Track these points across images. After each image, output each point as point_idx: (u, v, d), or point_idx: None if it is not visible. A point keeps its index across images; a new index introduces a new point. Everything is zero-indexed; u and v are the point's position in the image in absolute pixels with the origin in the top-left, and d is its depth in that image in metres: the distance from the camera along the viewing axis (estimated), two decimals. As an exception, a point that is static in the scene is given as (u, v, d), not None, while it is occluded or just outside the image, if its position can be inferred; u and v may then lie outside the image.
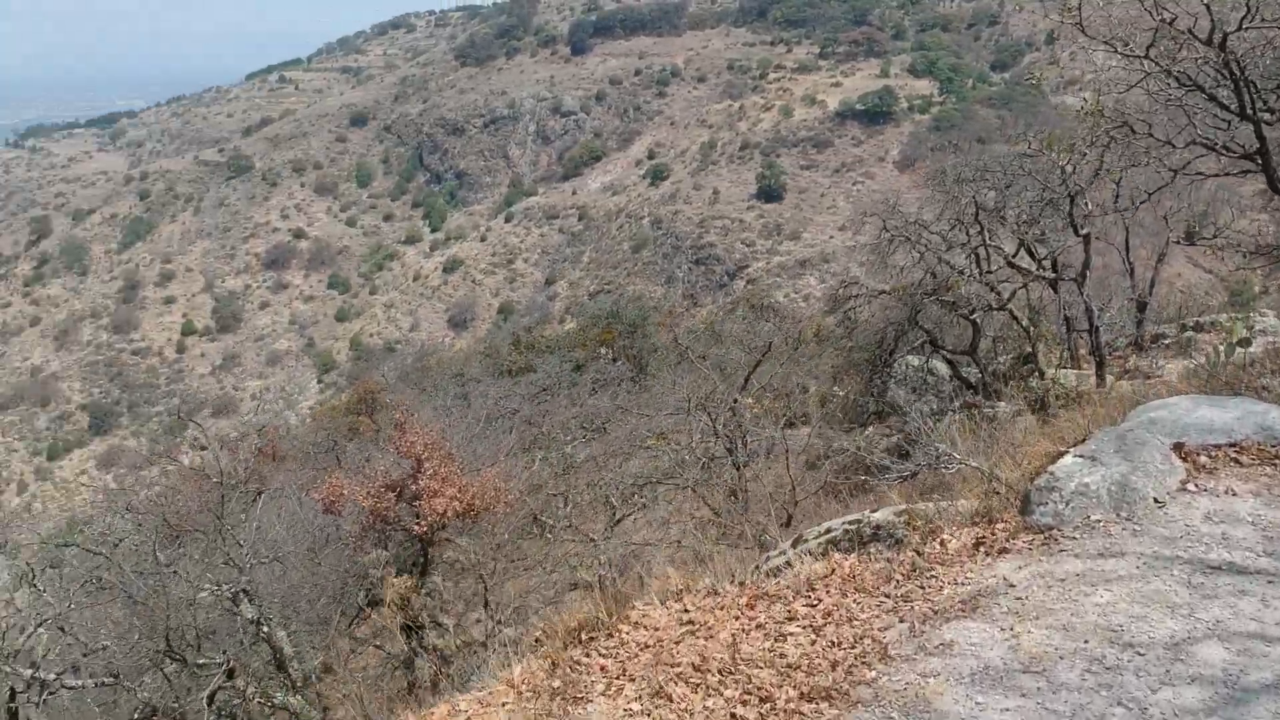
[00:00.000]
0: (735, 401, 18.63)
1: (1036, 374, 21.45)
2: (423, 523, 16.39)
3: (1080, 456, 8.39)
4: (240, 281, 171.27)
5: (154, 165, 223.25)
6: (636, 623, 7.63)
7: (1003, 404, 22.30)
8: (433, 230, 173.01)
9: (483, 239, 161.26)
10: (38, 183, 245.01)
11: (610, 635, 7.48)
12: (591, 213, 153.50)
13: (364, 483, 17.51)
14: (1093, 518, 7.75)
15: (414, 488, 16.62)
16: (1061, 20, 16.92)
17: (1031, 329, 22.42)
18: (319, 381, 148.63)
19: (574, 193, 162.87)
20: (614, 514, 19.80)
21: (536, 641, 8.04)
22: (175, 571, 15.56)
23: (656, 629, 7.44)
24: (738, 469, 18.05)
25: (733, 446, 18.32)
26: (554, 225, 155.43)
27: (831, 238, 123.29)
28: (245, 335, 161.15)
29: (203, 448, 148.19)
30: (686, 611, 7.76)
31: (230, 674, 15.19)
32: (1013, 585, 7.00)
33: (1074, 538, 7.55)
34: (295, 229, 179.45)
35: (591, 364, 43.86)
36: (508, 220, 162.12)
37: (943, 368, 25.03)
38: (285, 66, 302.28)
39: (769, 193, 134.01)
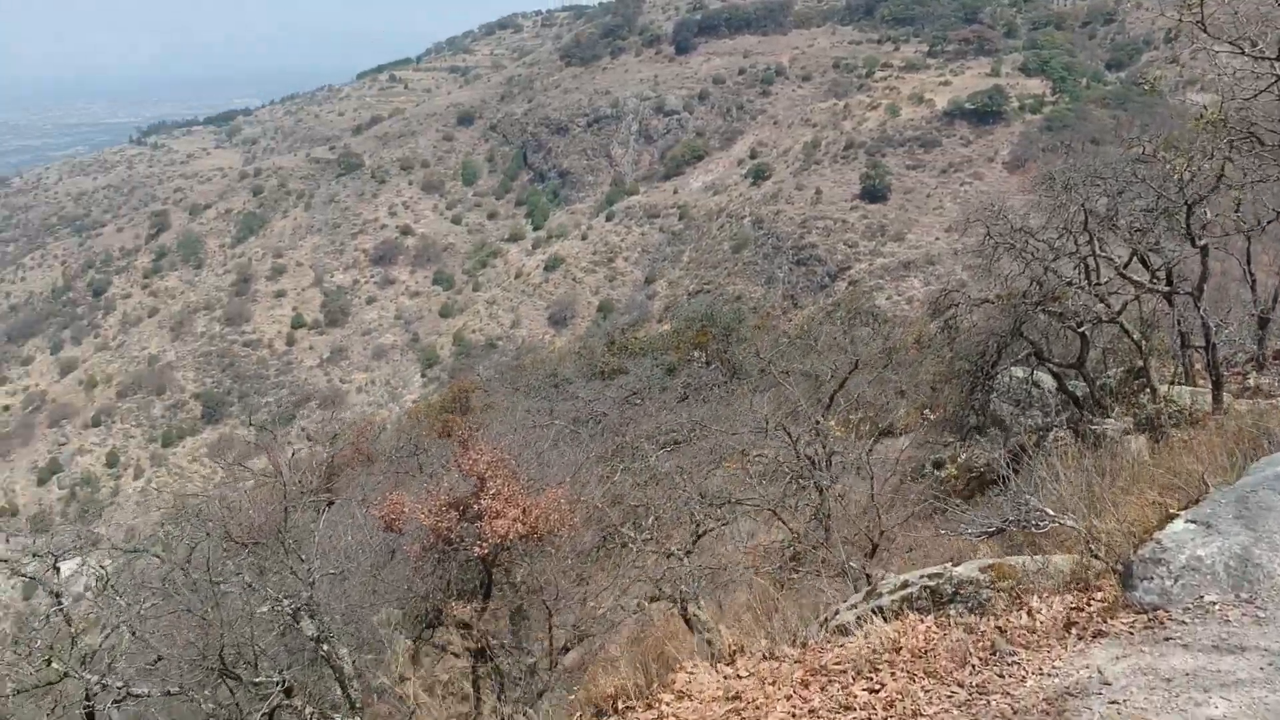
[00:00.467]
0: (818, 422, 17.58)
1: (1148, 391, 20.56)
2: (484, 544, 15.85)
3: (1193, 522, 7.07)
4: (349, 276, 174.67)
5: (267, 162, 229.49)
6: (680, 691, 6.85)
7: (1111, 421, 21.36)
8: (535, 228, 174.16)
9: (584, 237, 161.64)
10: (158, 178, 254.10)
11: (649, 706, 6.71)
12: (692, 212, 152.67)
13: (426, 500, 17.01)
14: (1207, 599, 6.55)
15: (476, 507, 16.10)
16: (1181, 18, 15.68)
17: (1143, 343, 21.32)
18: (422, 376, 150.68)
19: (675, 192, 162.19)
20: (697, 528, 19.01)
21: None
22: (230, 586, 15.25)
23: (700, 702, 6.64)
24: (820, 492, 17.04)
25: (816, 467, 17.31)
26: (654, 224, 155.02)
27: (937, 239, 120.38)
28: (352, 329, 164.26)
29: (309, 438, 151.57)
30: (739, 678, 6.98)
31: (288, 692, 14.86)
32: (1108, 683, 5.85)
33: (1184, 623, 6.35)
34: (402, 226, 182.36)
35: (684, 367, 43.31)
36: (609, 219, 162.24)
37: (1048, 380, 23.94)
38: (395, 66, 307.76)
39: (873, 193, 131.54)
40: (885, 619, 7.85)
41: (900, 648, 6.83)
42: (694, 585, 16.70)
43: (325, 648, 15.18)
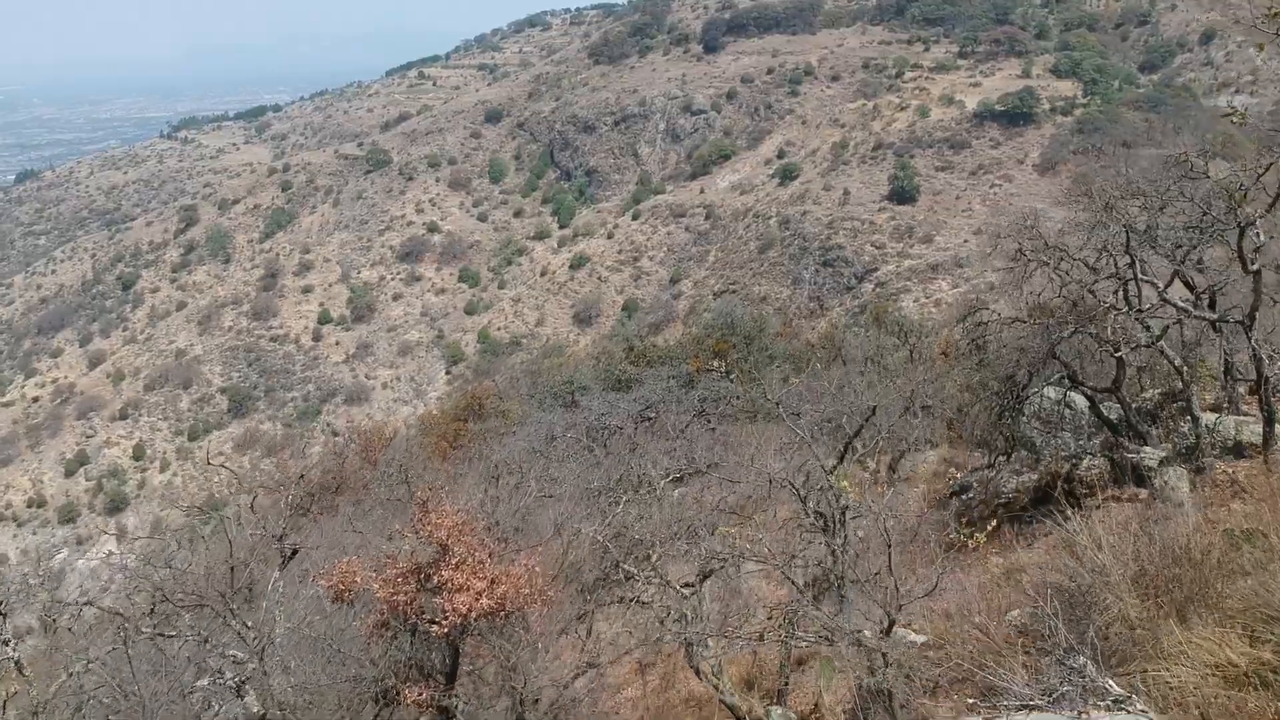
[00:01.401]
0: (830, 475, 16.80)
1: (1188, 418, 19.84)
2: (443, 623, 13.99)
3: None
4: (375, 273, 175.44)
5: (296, 158, 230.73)
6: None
7: (1148, 450, 20.72)
8: (561, 226, 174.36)
9: (610, 236, 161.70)
10: (188, 173, 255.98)
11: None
12: (719, 212, 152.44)
13: (382, 565, 15.08)
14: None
15: (437, 579, 14.28)
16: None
17: (1184, 369, 20.29)
18: (447, 373, 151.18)
19: (702, 191, 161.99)
20: (704, 567, 18.22)
21: None
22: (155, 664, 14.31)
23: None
24: (834, 554, 16.31)
25: (829, 526, 16.57)
26: (681, 224, 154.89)
27: (966, 241, 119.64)
28: (378, 325, 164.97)
29: (335, 433, 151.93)
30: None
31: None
32: None
33: None
34: (429, 223, 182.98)
35: (702, 378, 42.42)
36: (635, 218, 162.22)
37: (1081, 401, 23.14)
38: (424, 63, 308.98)
39: (901, 194, 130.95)
40: None
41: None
42: (702, 628, 16.25)
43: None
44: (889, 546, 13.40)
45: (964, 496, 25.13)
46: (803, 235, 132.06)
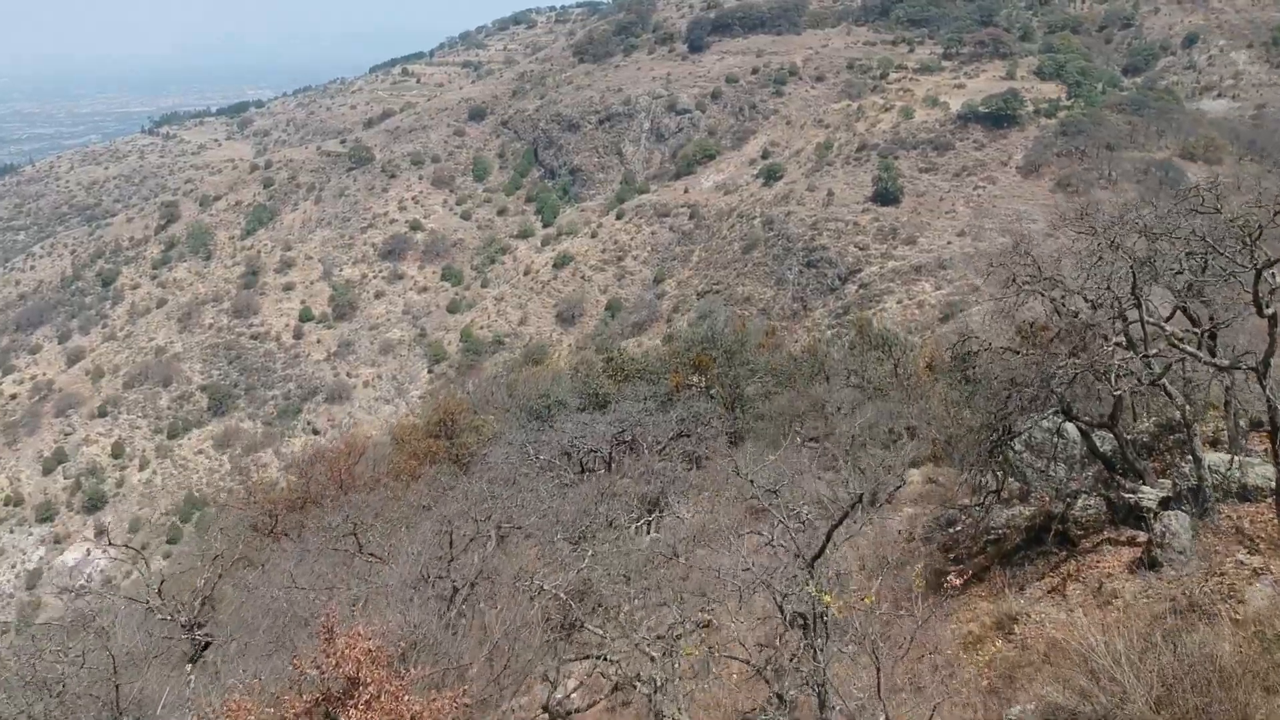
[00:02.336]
0: (808, 581, 15.80)
1: (1190, 459, 19.00)
2: None
3: None
4: (357, 271, 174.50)
5: (278, 154, 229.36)
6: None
7: (1146, 489, 20.07)
8: (545, 225, 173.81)
9: (594, 235, 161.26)
10: (169, 169, 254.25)
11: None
12: (703, 211, 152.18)
13: (278, 703, 13.14)
14: None
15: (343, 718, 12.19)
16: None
17: (1186, 408, 19.22)
18: (429, 371, 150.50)
19: (686, 191, 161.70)
20: (673, 630, 17.23)
21: None
22: None
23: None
24: (814, 653, 15.36)
25: (809, 629, 15.61)
26: (665, 223, 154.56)
27: (949, 243, 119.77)
28: (360, 324, 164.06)
29: (315, 432, 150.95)
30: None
31: None
32: None
33: None
34: (412, 221, 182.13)
35: (681, 395, 41.16)
36: (619, 217, 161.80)
37: (1073, 431, 22.27)
38: (408, 60, 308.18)
39: (885, 195, 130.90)
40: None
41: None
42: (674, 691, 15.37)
43: None
44: (878, 671, 12.68)
45: (951, 530, 24.14)
46: (786, 236, 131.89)
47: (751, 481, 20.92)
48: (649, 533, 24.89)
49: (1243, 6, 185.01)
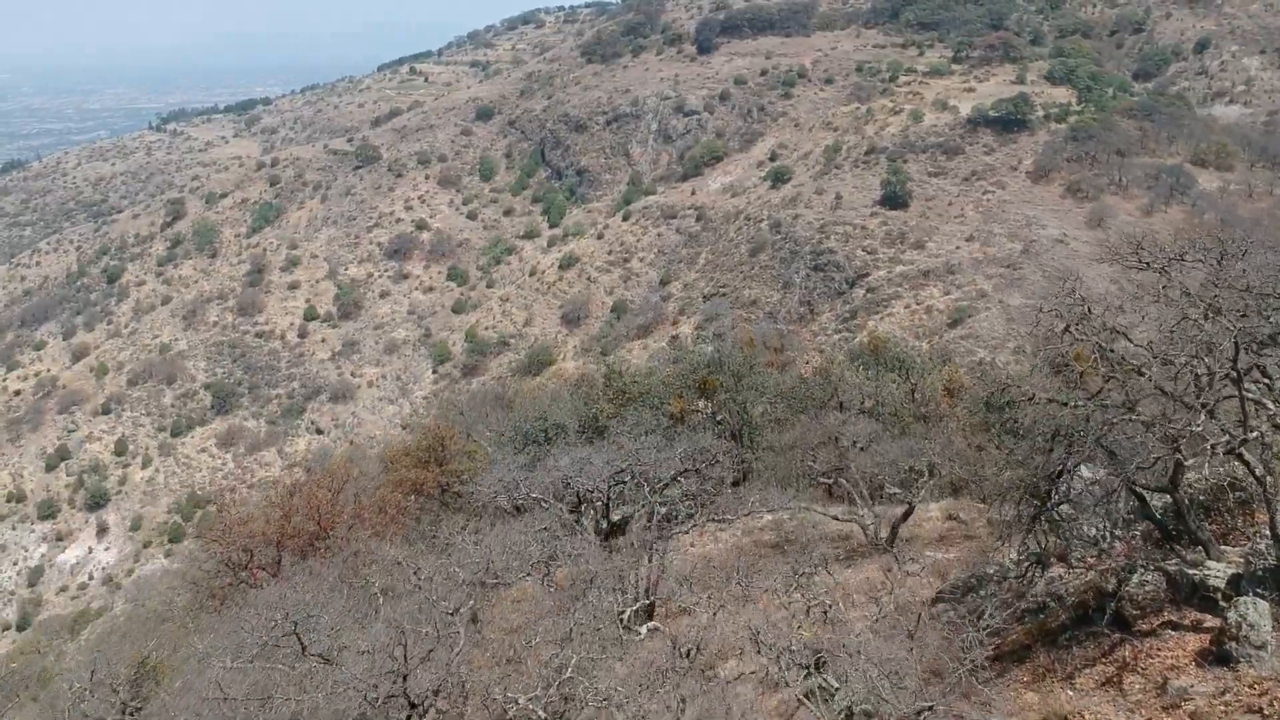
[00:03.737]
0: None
1: (1270, 538, 16.77)
2: None
3: None
4: (362, 270, 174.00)
5: (285, 152, 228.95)
6: None
7: (1212, 563, 17.75)
8: (551, 226, 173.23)
9: (600, 236, 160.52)
10: (176, 165, 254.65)
11: None
12: (710, 214, 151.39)
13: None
14: None
15: None
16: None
17: (1268, 478, 17.04)
18: (434, 372, 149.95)
19: (693, 193, 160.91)
20: None
21: None
22: None
23: None
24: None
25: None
26: (671, 225, 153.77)
27: (958, 248, 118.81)
28: (365, 323, 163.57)
29: (319, 431, 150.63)
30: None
31: None
32: None
33: None
34: (418, 220, 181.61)
35: (686, 421, 39.24)
36: (625, 219, 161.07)
37: (1107, 474, 19.61)
38: (416, 59, 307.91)
39: (894, 199, 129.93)
40: None
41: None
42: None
43: None
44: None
45: (981, 592, 21.45)
46: (794, 239, 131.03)
47: (745, 579, 18.88)
48: (647, 621, 23.11)
49: (1255, 12, 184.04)
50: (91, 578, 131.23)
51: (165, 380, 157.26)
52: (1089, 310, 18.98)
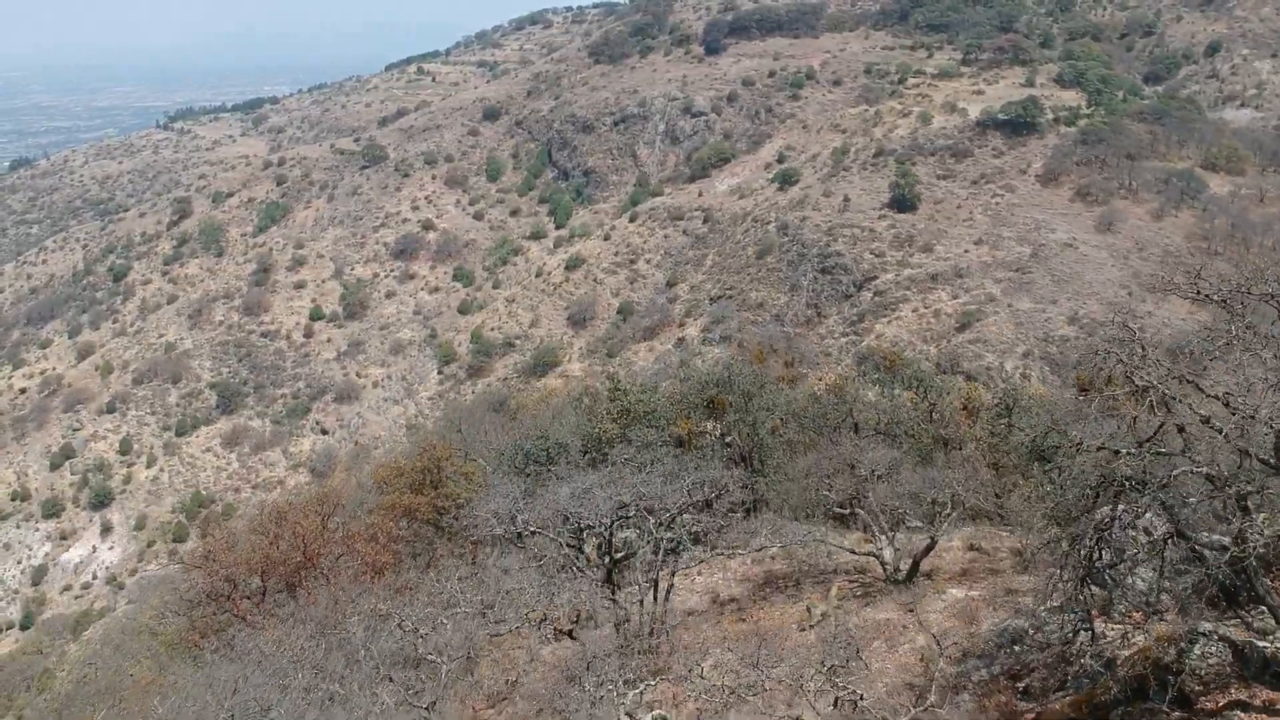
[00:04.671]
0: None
1: None
2: None
3: None
4: (369, 270, 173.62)
5: (292, 151, 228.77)
6: None
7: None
8: (558, 227, 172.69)
9: (606, 238, 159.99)
10: (183, 164, 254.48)
11: None
12: (717, 215, 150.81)
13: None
14: None
15: None
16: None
17: None
18: (439, 373, 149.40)
19: (700, 194, 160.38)
20: None
21: None
22: None
23: None
24: None
25: None
26: (678, 227, 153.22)
27: (967, 251, 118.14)
28: (371, 323, 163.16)
29: (324, 431, 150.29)
30: None
31: None
32: None
33: None
34: (424, 220, 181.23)
35: (692, 443, 37.52)
36: (632, 220, 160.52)
37: (1161, 526, 18.11)
38: (424, 58, 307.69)
39: (902, 202, 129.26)
40: None
41: None
42: None
43: None
44: None
45: (1017, 648, 19.60)
46: (801, 241, 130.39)
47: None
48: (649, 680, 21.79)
49: (1267, 15, 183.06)
50: (95, 577, 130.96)
51: (170, 379, 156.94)
52: (1144, 349, 17.52)
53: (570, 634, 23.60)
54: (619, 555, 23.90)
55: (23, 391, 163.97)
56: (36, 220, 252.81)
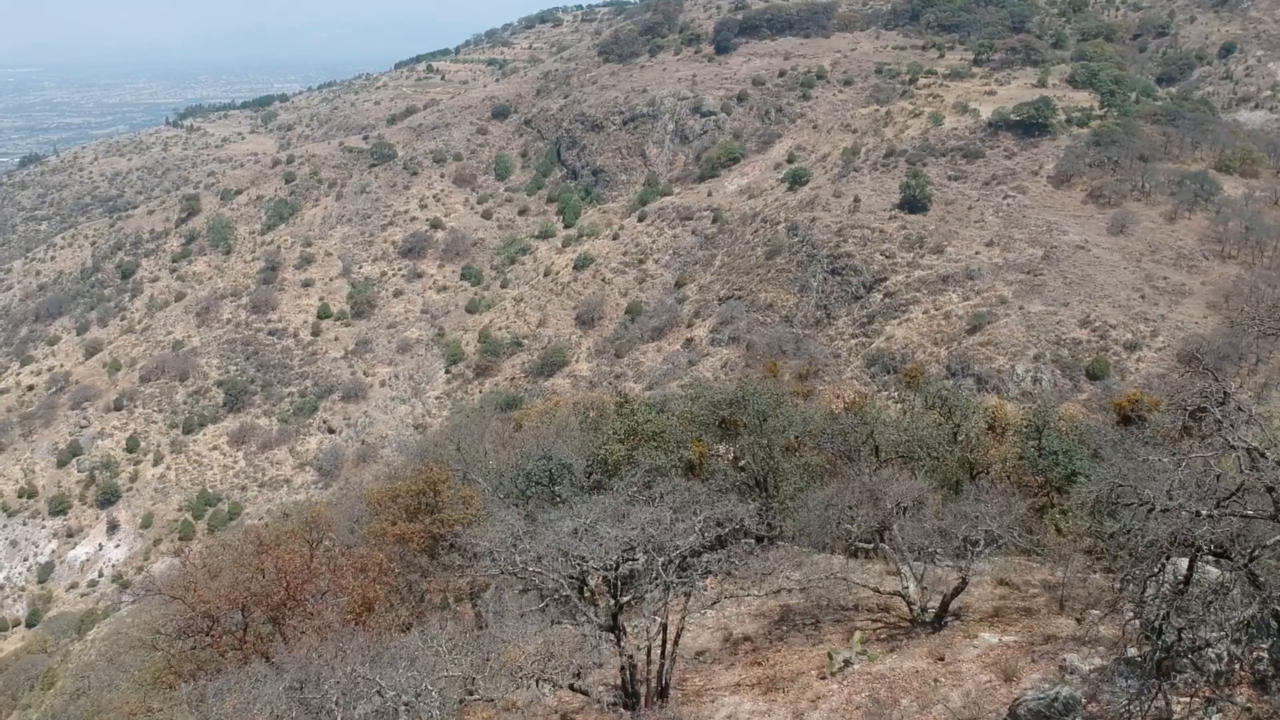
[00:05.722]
0: None
1: None
2: None
3: None
4: (376, 268, 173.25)
5: (301, 149, 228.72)
6: None
7: None
8: (566, 226, 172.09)
9: (615, 237, 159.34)
10: (192, 161, 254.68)
11: None
12: (726, 215, 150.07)
13: None
14: None
15: None
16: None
17: None
18: (447, 372, 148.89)
19: (709, 194, 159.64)
20: None
21: None
22: None
23: None
24: None
25: None
26: (687, 226, 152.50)
27: (978, 253, 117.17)
28: (378, 322, 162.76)
29: (331, 430, 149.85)
30: None
31: None
32: None
33: None
34: (433, 219, 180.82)
35: (704, 467, 35.84)
36: (641, 219, 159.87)
37: (1214, 572, 16.87)
38: (433, 56, 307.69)
39: (913, 203, 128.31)
40: None
41: None
42: None
43: None
44: None
45: (1070, 718, 17.74)
46: (811, 242, 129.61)
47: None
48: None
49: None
50: (101, 574, 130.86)
51: (178, 377, 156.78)
52: (1241, 408, 16.37)
53: (572, 687, 22.28)
54: (625, 599, 22.56)
55: (30, 388, 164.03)
56: (46, 217, 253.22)
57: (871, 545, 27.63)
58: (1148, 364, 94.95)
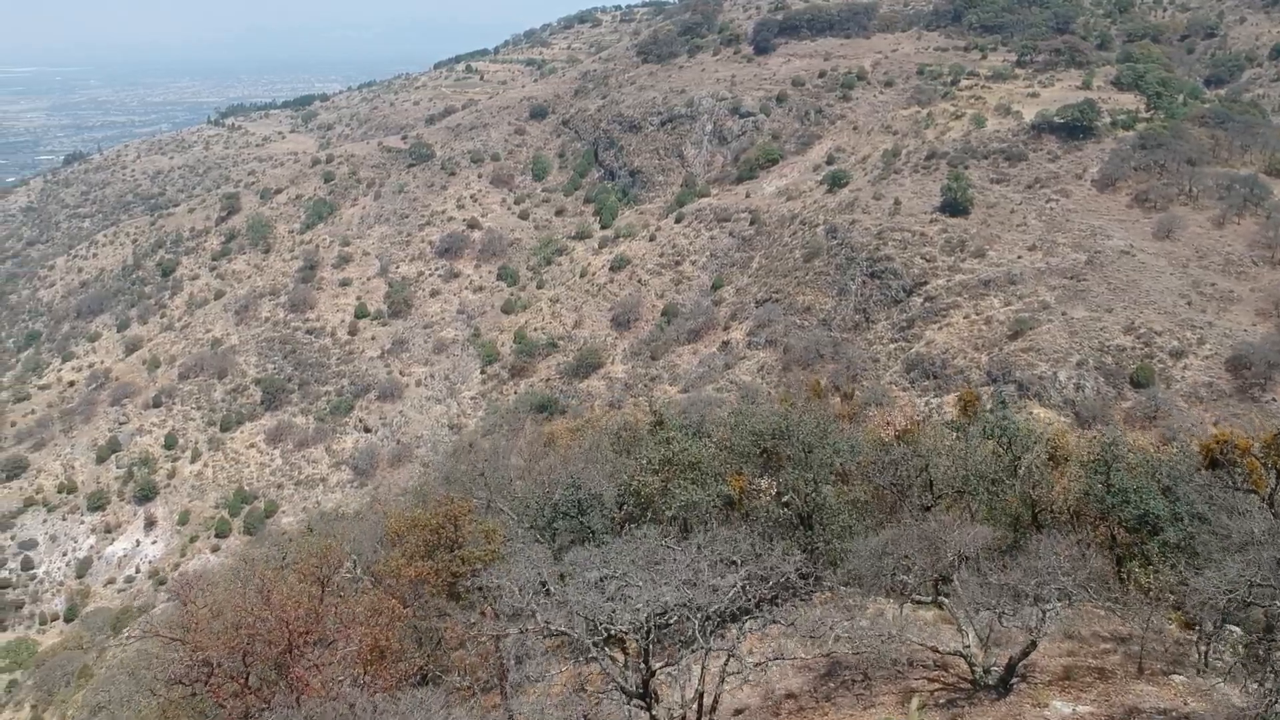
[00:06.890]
0: None
1: None
2: None
3: None
4: (414, 268, 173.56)
5: (340, 149, 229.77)
6: None
7: None
8: (603, 227, 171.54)
9: (652, 238, 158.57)
10: (233, 160, 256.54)
11: None
12: (764, 217, 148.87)
13: None
14: None
15: None
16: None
17: None
18: (482, 372, 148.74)
19: (747, 195, 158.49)
20: None
21: None
22: None
23: None
24: None
25: None
26: (724, 228, 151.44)
27: (1020, 258, 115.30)
28: (415, 321, 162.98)
29: (367, 429, 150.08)
30: None
31: None
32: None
33: None
34: (470, 219, 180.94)
35: (745, 503, 33.87)
36: (678, 221, 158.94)
37: None
38: (472, 56, 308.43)
39: (954, 206, 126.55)
40: None
41: None
42: None
43: None
44: None
45: None
46: (850, 245, 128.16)
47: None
48: None
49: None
50: (138, 570, 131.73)
51: (216, 374, 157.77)
52: None
53: None
54: (657, 666, 21.00)
55: (71, 384, 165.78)
56: (88, 214, 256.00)
57: (930, 599, 26.02)
58: (1194, 372, 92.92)
